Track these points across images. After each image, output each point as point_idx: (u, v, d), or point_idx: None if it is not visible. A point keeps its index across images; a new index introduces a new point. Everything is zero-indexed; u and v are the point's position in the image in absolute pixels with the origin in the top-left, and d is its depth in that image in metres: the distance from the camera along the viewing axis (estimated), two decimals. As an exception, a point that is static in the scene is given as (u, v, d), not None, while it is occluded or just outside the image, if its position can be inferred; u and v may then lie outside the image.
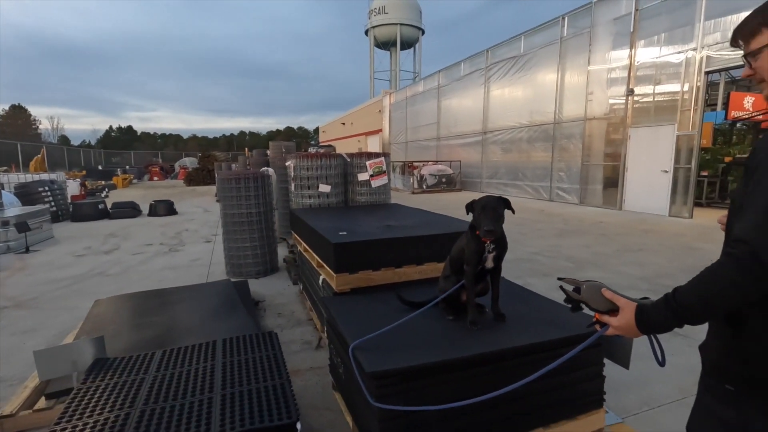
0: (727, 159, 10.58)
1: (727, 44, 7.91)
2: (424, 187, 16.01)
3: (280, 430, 1.51)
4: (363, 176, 4.49)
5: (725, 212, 1.05)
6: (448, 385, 1.66)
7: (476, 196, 1.85)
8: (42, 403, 2.18)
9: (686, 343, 2.93)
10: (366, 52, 45.66)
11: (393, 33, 43.00)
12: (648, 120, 9.50)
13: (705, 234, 6.97)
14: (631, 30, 9.65)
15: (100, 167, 29.39)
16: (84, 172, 22.51)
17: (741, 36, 1.07)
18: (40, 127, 56.21)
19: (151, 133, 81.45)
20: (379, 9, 43.25)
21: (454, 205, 11.26)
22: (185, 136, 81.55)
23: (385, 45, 45.20)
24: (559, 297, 3.39)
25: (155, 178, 28.44)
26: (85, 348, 2.06)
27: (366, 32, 45.24)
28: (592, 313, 1.13)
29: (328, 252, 2.60)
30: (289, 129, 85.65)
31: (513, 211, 1.89)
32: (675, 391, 2.35)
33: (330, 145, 26.42)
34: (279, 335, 3.25)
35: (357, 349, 1.70)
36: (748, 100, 11.97)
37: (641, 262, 5.18)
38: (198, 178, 21.87)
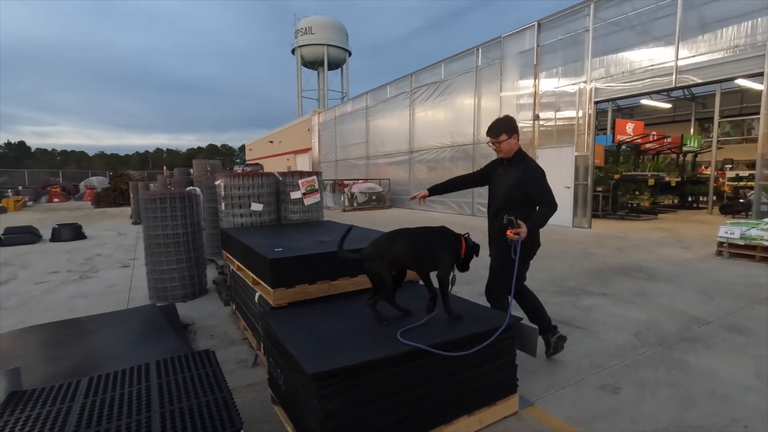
0: (617, 176, 12.21)
1: (612, 78, 9.30)
2: (355, 204, 16.26)
3: (225, 440, 1.56)
4: (295, 194, 4.57)
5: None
6: (386, 381, 1.83)
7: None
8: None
9: (584, 334, 3.40)
10: (293, 70, 45.57)
11: (320, 53, 43.44)
12: (551, 142, 10.71)
13: (600, 241, 7.99)
14: (535, 63, 10.90)
15: (-17, 188, 25.64)
16: (-36, 194, 19.53)
17: (492, 134, 2.79)
18: None
19: (49, 149, 73.00)
20: (306, 29, 43.59)
21: (384, 222, 11.61)
22: (91, 153, 74.23)
23: (313, 64, 45.48)
24: (480, 300, 3.70)
25: (56, 200, 25.47)
26: (-4, 382, 1.91)
27: (293, 51, 45.20)
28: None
29: (264, 268, 2.66)
30: (212, 147, 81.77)
31: None
32: (575, 373, 2.74)
33: (257, 164, 25.83)
34: (212, 357, 3.20)
35: (304, 355, 1.80)
36: (630, 126, 13.99)
37: (549, 268, 5.82)
38: (108, 199, 20.03)
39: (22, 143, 68.14)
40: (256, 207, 4.35)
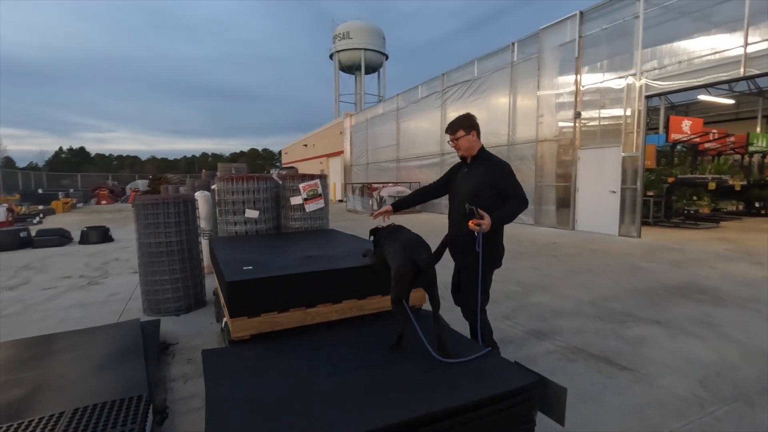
0: (671, 179, 11.00)
1: (666, 70, 8.28)
2: (384, 208, 15.77)
3: None
4: (296, 200, 4.14)
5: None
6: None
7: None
8: None
9: (632, 378, 2.71)
10: (331, 75, 45.86)
11: (357, 57, 43.48)
12: (595, 142, 9.75)
13: (651, 253, 7.04)
14: (576, 56, 9.98)
15: (40, 191, 27.38)
16: (17, 196, 20.81)
17: (449, 131, 2.72)
18: (-24, 148, 52.09)
19: (107, 154, 77.93)
20: (344, 34, 43.79)
21: (409, 226, 11.02)
22: (143, 158, 78.48)
23: (350, 69, 45.60)
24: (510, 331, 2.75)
25: (103, 202, 26.78)
26: None
27: (331, 56, 45.54)
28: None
29: (224, 291, 2.21)
30: (253, 151, 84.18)
31: None
32: (619, 440, 2.08)
33: (293, 167, 26.00)
34: (182, 386, 2.79)
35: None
36: (686, 124, 12.65)
37: (588, 285, 5.05)
38: (148, 201, 20.70)
39: (82, 149, 72.89)
40: (251, 214, 3.95)
